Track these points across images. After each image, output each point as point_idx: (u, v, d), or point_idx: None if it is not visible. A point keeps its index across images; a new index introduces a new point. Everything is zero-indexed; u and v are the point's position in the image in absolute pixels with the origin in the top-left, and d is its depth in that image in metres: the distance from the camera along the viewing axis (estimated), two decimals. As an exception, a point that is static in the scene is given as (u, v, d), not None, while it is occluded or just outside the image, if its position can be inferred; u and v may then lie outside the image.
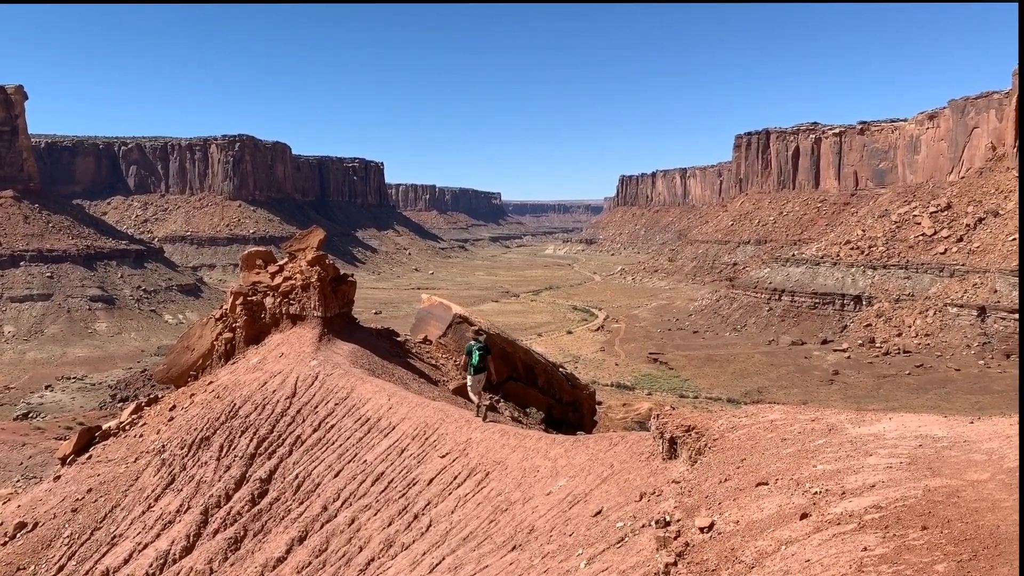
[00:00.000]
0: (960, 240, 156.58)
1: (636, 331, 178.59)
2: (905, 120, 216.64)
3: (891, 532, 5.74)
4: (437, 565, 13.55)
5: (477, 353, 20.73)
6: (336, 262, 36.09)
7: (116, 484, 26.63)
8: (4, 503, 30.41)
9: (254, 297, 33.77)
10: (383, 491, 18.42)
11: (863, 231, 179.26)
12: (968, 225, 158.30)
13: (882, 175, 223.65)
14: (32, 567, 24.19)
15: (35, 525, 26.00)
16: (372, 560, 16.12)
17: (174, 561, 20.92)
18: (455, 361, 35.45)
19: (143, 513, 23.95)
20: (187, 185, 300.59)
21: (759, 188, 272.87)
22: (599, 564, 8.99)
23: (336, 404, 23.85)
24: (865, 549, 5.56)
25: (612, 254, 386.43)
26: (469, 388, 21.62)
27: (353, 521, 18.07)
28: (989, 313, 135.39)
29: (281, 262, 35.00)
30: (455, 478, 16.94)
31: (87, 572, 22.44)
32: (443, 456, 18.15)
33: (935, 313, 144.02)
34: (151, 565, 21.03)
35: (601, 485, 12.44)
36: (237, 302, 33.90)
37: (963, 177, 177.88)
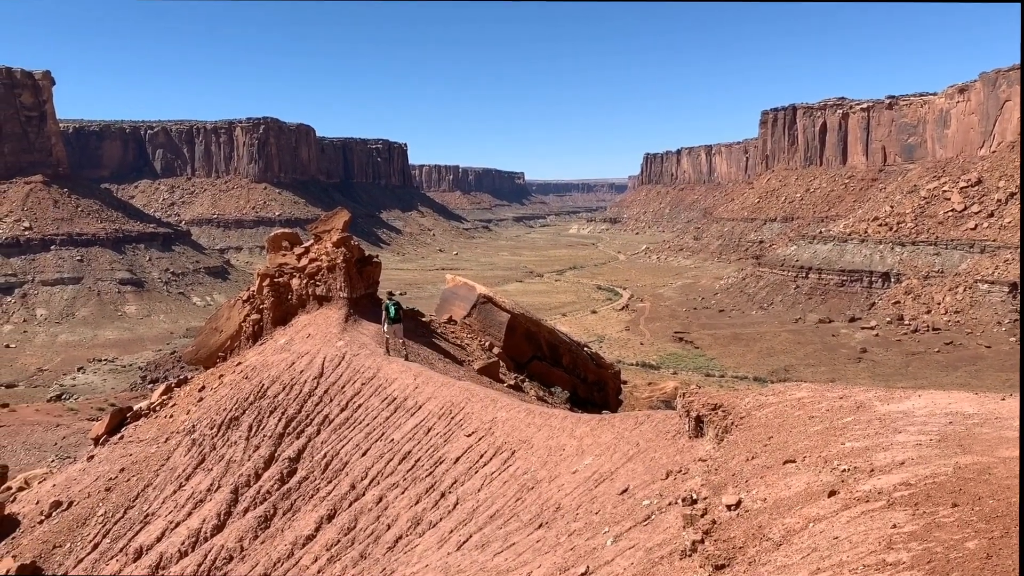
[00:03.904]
0: (991, 215, 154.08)
1: (661, 310, 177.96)
2: (935, 94, 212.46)
3: (921, 509, 5.69)
4: (464, 542, 13.65)
5: (393, 308, 26.78)
6: (361, 243, 36.22)
7: (148, 464, 27.05)
8: (40, 483, 31.02)
9: (281, 279, 34.01)
10: (410, 470, 18.56)
11: (891, 207, 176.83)
12: (999, 200, 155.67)
13: (911, 150, 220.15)
14: (68, 544, 24.69)
15: (70, 504, 26.50)
16: (400, 537, 16.27)
17: (205, 539, 21.25)
18: (480, 341, 35.57)
19: (174, 492, 24.33)
20: (213, 168, 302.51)
21: (786, 165, 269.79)
22: (626, 541, 9.01)
23: (363, 384, 24.02)
24: (894, 526, 5.53)
25: (636, 233, 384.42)
26: (386, 334, 27.21)
27: (381, 499, 18.23)
28: (1021, 289, 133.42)
29: (307, 244, 35.19)
30: (481, 457, 17.02)
31: (121, 550, 22.86)
32: (469, 435, 18.23)
33: (965, 290, 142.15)
34: (183, 543, 21.38)
35: (627, 463, 12.45)
36: (264, 284, 34.16)
37: (994, 151, 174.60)
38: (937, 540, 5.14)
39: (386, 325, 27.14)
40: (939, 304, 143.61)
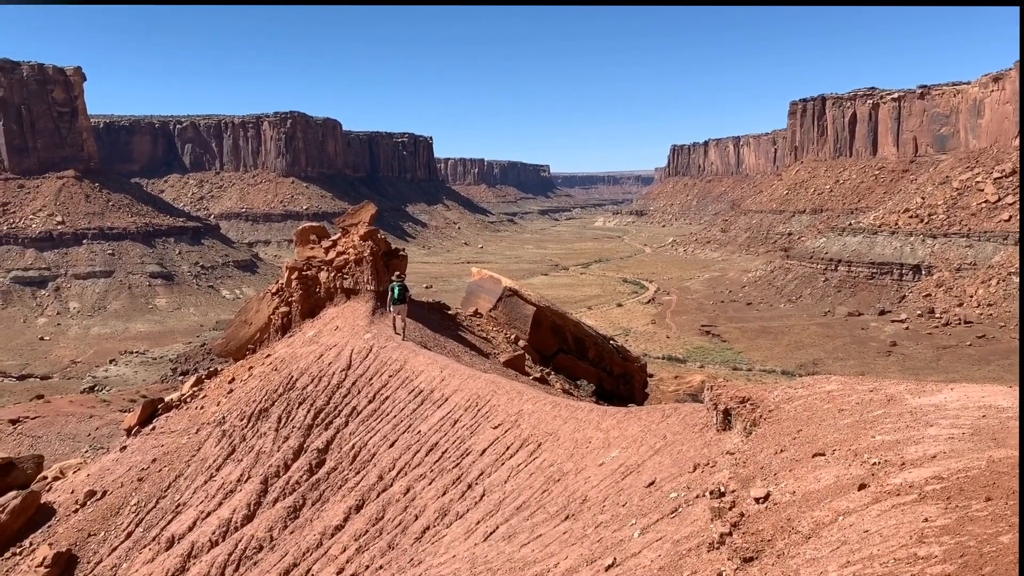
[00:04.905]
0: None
1: (688, 303, 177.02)
2: (968, 83, 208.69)
3: (953, 503, 5.63)
4: (491, 533, 13.70)
5: (397, 289, 27.80)
6: (387, 237, 36.37)
7: (179, 454, 27.42)
8: (74, 472, 31.53)
9: (309, 272, 34.26)
10: (437, 461, 18.66)
11: (923, 199, 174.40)
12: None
13: (943, 141, 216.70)
14: (102, 533, 25.10)
15: (104, 493, 26.92)
16: (427, 528, 16.38)
17: (236, 529, 21.52)
18: (506, 334, 35.62)
19: (205, 482, 24.65)
20: (241, 162, 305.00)
21: (815, 156, 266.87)
22: (653, 534, 9.00)
23: (390, 376, 24.16)
24: (926, 520, 5.48)
25: (663, 225, 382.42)
26: (392, 315, 28.55)
27: (408, 490, 18.35)
28: (1021, 284, 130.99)
29: (334, 237, 35.40)
30: (508, 449, 17.07)
31: (154, 538, 23.21)
32: (495, 427, 18.29)
33: (998, 282, 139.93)
34: (214, 532, 21.66)
35: (654, 456, 12.42)
36: (292, 277, 34.43)
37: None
38: (970, 534, 5.09)
39: (392, 307, 28.30)
40: (971, 297, 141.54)
